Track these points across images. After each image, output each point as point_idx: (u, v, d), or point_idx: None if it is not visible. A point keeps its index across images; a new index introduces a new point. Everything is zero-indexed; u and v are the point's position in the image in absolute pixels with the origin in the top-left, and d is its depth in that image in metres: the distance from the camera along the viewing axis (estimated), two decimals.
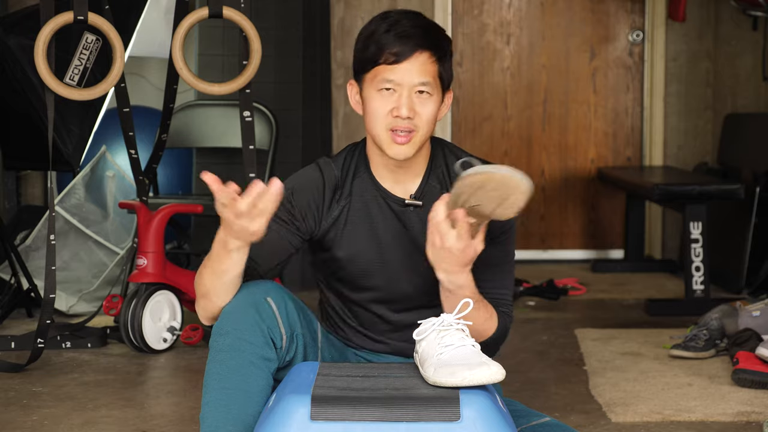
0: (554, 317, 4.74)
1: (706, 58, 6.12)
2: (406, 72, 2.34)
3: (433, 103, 2.37)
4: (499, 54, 6.21)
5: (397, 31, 2.35)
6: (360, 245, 2.43)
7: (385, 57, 2.35)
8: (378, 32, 2.37)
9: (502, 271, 2.45)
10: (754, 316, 3.91)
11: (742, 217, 5.21)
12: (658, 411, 3.25)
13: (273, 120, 4.78)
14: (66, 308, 4.63)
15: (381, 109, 2.37)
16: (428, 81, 2.35)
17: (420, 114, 2.35)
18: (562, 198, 6.26)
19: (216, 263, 2.25)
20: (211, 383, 2.22)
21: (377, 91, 2.37)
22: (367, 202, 2.44)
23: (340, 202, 2.44)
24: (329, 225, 2.44)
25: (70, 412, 3.28)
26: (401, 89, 2.35)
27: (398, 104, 2.35)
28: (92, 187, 5.07)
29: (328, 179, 2.44)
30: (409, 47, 2.34)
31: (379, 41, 2.36)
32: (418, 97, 2.35)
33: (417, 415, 1.98)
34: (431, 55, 2.35)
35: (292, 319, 2.29)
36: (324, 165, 2.47)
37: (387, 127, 2.36)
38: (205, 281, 2.28)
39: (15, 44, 4.07)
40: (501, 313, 2.44)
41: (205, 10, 3.79)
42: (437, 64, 2.36)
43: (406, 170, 2.43)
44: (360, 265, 2.44)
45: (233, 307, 2.25)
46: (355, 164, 2.47)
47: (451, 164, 2.45)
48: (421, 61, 2.34)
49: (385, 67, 2.35)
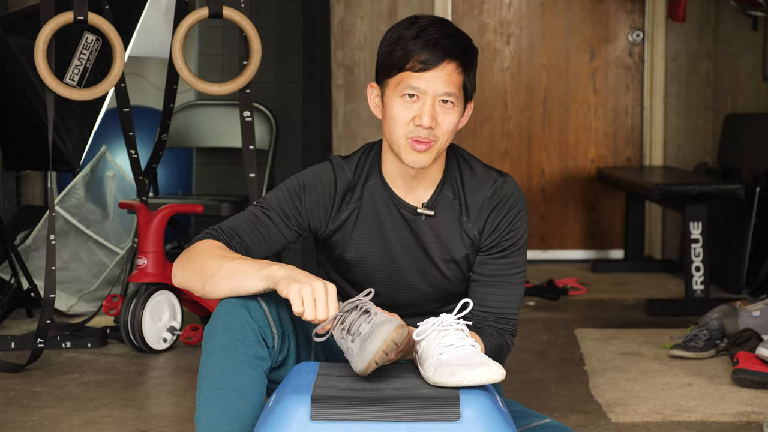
0: (554, 317, 4.74)
1: (706, 58, 6.12)
2: (431, 81, 2.31)
3: (455, 113, 2.34)
4: (499, 54, 6.21)
5: (426, 38, 2.31)
6: (368, 250, 2.43)
7: (412, 64, 2.31)
8: (405, 37, 2.33)
9: (508, 283, 2.44)
10: (754, 316, 3.91)
11: (742, 217, 5.21)
12: (658, 411, 3.25)
13: (273, 120, 4.78)
14: (66, 308, 4.63)
15: (403, 115, 2.34)
16: (453, 92, 2.32)
17: (441, 124, 2.33)
18: (562, 198, 6.26)
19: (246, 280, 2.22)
20: (204, 384, 2.22)
21: (400, 96, 2.34)
22: (378, 207, 2.43)
23: (349, 205, 2.43)
24: (336, 227, 2.43)
25: (70, 412, 3.28)
26: (425, 97, 2.32)
27: (421, 113, 2.31)
28: (92, 187, 5.07)
29: (340, 181, 2.43)
30: (438, 56, 2.30)
31: (406, 47, 2.32)
32: (441, 107, 2.33)
33: (417, 415, 1.98)
34: (458, 66, 2.32)
35: (284, 319, 2.29)
36: (337, 165, 2.45)
37: (407, 135, 2.34)
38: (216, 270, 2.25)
39: (15, 44, 4.07)
40: (498, 331, 2.42)
41: (205, 10, 3.79)
42: (463, 74, 2.34)
43: (420, 179, 2.42)
44: (367, 269, 2.44)
45: (224, 308, 2.25)
46: (368, 167, 2.45)
47: (466, 174, 2.44)
48: (448, 71, 2.31)
49: (411, 74, 2.32)
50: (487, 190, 2.42)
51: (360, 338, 2.09)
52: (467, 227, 2.42)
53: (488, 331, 2.40)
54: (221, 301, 2.27)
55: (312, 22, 5.33)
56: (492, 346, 2.38)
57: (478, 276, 2.43)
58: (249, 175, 3.91)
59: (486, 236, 2.42)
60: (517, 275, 2.44)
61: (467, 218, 2.42)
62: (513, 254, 2.43)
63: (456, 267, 2.44)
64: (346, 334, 2.13)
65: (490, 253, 2.42)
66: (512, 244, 2.42)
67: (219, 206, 4.41)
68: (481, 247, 2.43)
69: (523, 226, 2.44)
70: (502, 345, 2.41)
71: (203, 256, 2.29)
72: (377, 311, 2.14)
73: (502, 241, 2.41)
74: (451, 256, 2.42)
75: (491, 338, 2.39)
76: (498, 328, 2.42)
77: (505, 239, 2.42)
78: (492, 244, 2.42)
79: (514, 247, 2.43)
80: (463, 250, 2.42)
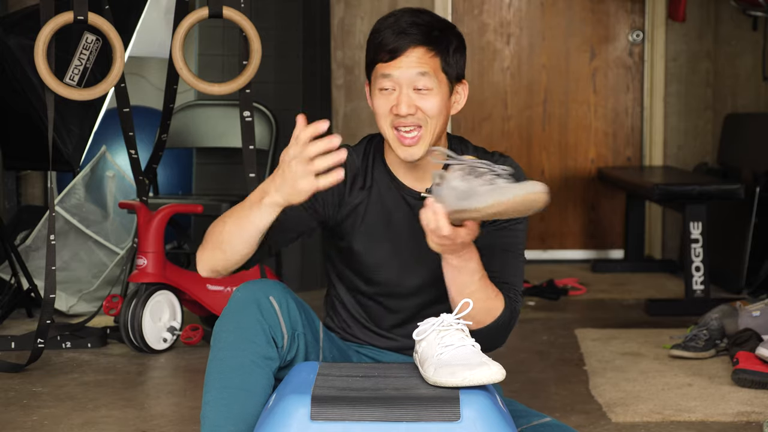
0: (554, 317, 4.74)
1: (706, 58, 6.12)
2: (401, 68, 2.32)
3: (435, 97, 2.34)
4: (499, 54, 6.21)
5: (394, 28, 2.34)
6: (376, 238, 2.43)
7: (381, 55, 2.34)
8: (378, 31, 2.37)
9: (512, 256, 2.42)
10: (754, 316, 3.91)
11: (742, 217, 5.21)
12: (658, 411, 3.25)
13: (273, 120, 4.78)
14: (66, 308, 4.63)
15: (382, 108, 2.36)
16: (426, 72, 2.32)
17: (423, 109, 2.33)
18: (562, 198, 6.26)
19: (245, 212, 2.22)
20: (212, 382, 2.22)
21: (378, 90, 2.36)
22: (383, 194, 2.44)
23: (362, 191, 2.43)
24: (347, 212, 2.43)
25: (70, 412, 3.28)
26: (399, 87, 2.33)
27: (398, 101, 2.33)
28: (92, 187, 5.07)
29: (350, 165, 2.43)
30: (405, 43, 2.32)
31: (377, 39, 2.36)
32: (417, 93, 2.33)
33: (417, 415, 1.98)
34: (428, 50, 2.33)
35: (294, 319, 2.29)
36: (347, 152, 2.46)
37: (391, 125, 2.35)
38: (223, 230, 2.26)
39: (15, 44, 4.07)
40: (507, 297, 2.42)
41: (205, 10, 3.79)
42: (438, 57, 2.34)
43: (422, 167, 2.42)
44: (374, 257, 2.44)
45: (235, 305, 2.25)
46: (372, 155, 2.47)
47: None
48: (417, 56, 2.32)
49: (382, 65, 2.34)
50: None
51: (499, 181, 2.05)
52: None
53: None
54: (233, 296, 2.27)
55: (312, 22, 5.33)
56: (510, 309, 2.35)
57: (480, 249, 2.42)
58: (249, 175, 3.91)
59: None
60: (518, 248, 2.43)
61: None
62: (513, 227, 2.42)
63: None
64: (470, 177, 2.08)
65: (493, 226, 2.42)
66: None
67: (219, 206, 4.41)
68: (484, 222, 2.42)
69: None
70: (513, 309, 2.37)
71: (209, 232, 2.31)
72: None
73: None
74: None
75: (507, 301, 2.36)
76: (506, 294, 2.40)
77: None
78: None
79: (515, 220, 2.42)
80: None
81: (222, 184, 5.10)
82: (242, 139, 3.92)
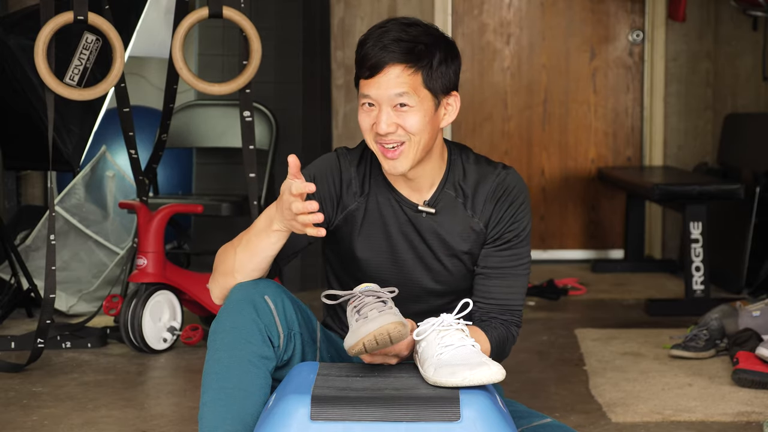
0: (554, 317, 4.74)
1: (706, 58, 6.12)
2: (380, 87, 2.30)
3: (416, 114, 2.31)
4: (499, 54, 6.20)
5: (377, 43, 2.30)
6: (374, 247, 2.43)
7: (362, 71, 2.32)
8: (364, 43, 2.34)
9: (512, 275, 2.44)
10: (754, 316, 3.91)
11: (742, 217, 5.21)
12: (658, 411, 3.25)
13: (273, 120, 4.78)
14: (66, 308, 4.63)
15: (364, 124, 2.35)
16: (405, 92, 2.29)
17: (404, 126, 2.31)
18: (562, 198, 6.26)
19: (254, 239, 2.27)
20: (209, 382, 2.22)
21: (361, 105, 2.35)
22: (381, 203, 2.44)
23: (358, 196, 2.43)
24: (344, 216, 2.43)
25: (70, 412, 3.28)
26: (380, 105, 2.31)
27: (377, 120, 2.31)
28: (92, 187, 5.07)
29: (345, 168, 2.44)
30: (383, 61, 2.29)
31: (360, 52, 2.34)
32: (398, 111, 2.31)
33: (417, 415, 1.98)
34: (407, 67, 2.29)
35: (290, 318, 2.29)
36: (342, 155, 2.46)
37: (374, 140, 2.35)
38: (235, 258, 2.30)
39: (15, 44, 4.07)
40: (503, 323, 2.42)
41: (205, 10, 3.79)
42: (420, 73, 2.30)
43: (418, 180, 2.42)
44: (373, 265, 2.44)
45: (230, 305, 2.25)
46: (370, 162, 2.46)
47: (469, 170, 2.44)
48: (395, 74, 2.29)
49: (364, 82, 2.33)
50: (490, 183, 2.43)
51: (364, 320, 2.12)
52: (473, 222, 2.42)
53: (493, 324, 2.41)
54: (228, 297, 2.28)
55: (312, 22, 5.33)
56: (497, 339, 2.39)
57: (482, 269, 2.44)
58: (249, 175, 3.91)
59: (491, 228, 2.42)
60: (521, 267, 2.45)
61: (473, 213, 2.42)
62: (517, 246, 2.43)
63: (460, 263, 2.44)
64: (356, 313, 2.17)
65: (495, 245, 2.43)
66: (515, 235, 2.43)
67: (219, 206, 4.41)
68: (486, 239, 2.43)
69: (527, 218, 2.44)
70: (507, 337, 2.42)
71: (219, 260, 2.35)
72: (392, 306, 2.16)
73: (506, 233, 2.42)
74: (454, 252, 2.43)
75: (495, 330, 2.40)
76: (502, 320, 2.42)
77: (509, 230, 2.42)
78: (496, 236, 2.42)
79: (518, 239, 2.43)
80: (467, 245, 2.43)
81: (222, 184, 5.10)
82: (242, 139, 3.92)
